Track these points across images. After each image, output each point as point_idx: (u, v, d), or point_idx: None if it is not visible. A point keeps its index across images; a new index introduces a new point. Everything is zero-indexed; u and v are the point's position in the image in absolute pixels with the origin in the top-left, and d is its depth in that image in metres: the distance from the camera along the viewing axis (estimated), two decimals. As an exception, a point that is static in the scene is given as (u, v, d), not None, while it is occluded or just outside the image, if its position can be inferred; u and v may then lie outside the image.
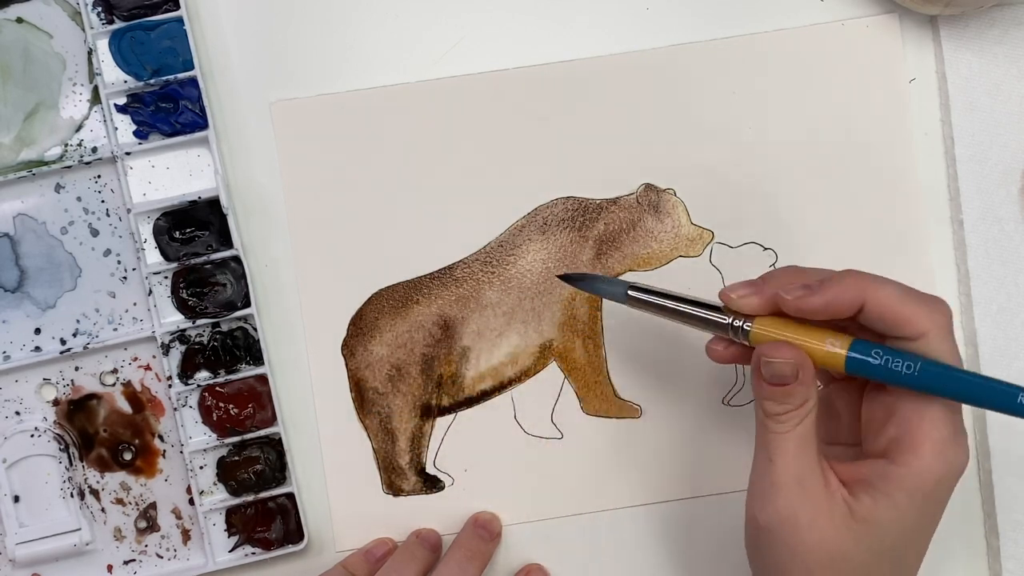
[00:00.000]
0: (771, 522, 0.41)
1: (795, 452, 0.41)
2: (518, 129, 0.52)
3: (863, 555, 0.40)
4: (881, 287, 0.40)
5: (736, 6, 0.52)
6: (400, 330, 0.52)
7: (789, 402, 0.41)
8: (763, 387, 0.41)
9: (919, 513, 0.40)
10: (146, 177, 0.51)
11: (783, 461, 0.41)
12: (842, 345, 0.40)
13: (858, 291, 0.40)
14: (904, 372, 0.39)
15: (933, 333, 0.40)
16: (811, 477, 0.41)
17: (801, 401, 0.41)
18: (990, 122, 0.52)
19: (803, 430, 0.41)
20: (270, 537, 0.51)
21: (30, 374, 0.51)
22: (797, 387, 0.41)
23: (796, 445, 0.41)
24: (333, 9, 0.52)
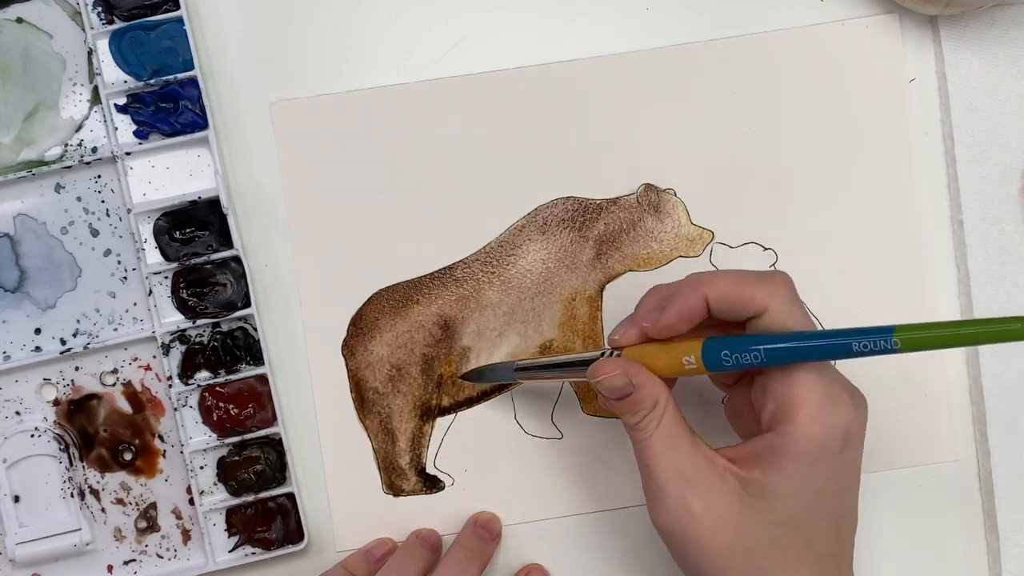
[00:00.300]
0: (668, 522, 0.42)
1: (666, 452, 0.42)
2: (518, 129, 0.52)
3: (767, 528, 0.41)
4: (716, 280, 0.42)
5: (736, 6, 0.52)
6: (400, 330, 0.52)
7: (639, 409, 0.42)
8: (611, 404, 0.43)
9: (811, 477, 0.41)
10: (146, 177, 0.51)
11: (659, 463, 0.42)
12: (696, 359, 0.42)
13: (697, 293, 0.42)
14: (755, 362, 0.40)
15: (775, 304, 0.41)
16: (692, 467, 0.41)
17: (651, 404, 0.42)
18: (990, 122, 0.52)
19: (666, 428, 0.42)
20: (270, 537, 0.51)
21: (30, 374, 0.51)
22: (638, 392, 0.42)
23: (665, 444, 0.42)
24: (333, 9, 0.52)
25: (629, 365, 0.43)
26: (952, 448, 0.52)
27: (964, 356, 0.53)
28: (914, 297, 0.52)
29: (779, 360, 0.40)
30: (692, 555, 0.41)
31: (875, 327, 0.37)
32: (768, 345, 0.40)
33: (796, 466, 0.40)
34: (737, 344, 0.41)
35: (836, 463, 0.41)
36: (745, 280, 0.42)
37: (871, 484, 0.52)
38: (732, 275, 0.42)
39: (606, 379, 0.43)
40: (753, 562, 0.41)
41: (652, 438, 0.42)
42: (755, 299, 0.41)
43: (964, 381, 0.53)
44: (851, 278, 0.52)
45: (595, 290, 0.52)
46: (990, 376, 0.52)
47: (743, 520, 0.41)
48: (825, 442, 0.40)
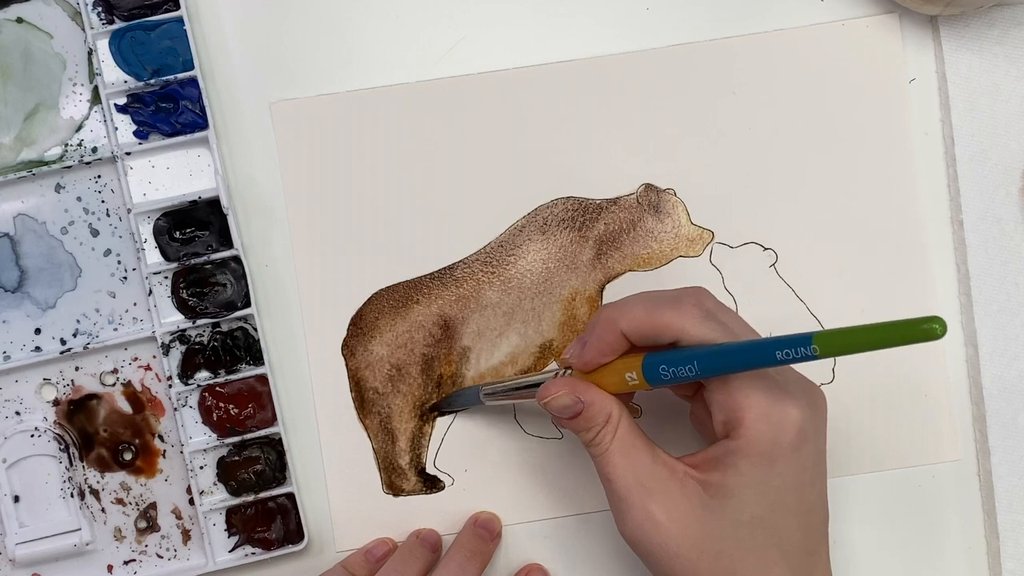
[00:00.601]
0: (634, 532, 0.42)
1: (624, 463, 0.42)
2: (518, 129, 0.52)
3: (732, 529, 0.41)
4: (626, 312, 0.43)
5: (736, 6, 0.52)
6: (400, 330, 0.52)
7: (591, 426, 0.43)
8: (565, 424, 0.44)
9: (768, 474, 0.41)
10: (146, 177, 0.51)
11: (617, 475, 0.42)
12: (638, 375, 0.42)
13: (611, 329, 0.43)
14: (691, 374, 0.41)
15: (688, 327, 0.41)
16: (651, 476, 0.42)
17: (603, 419, 0.43)
18: (990, 122, 0.52)
19: (621, 441, 0.43)
20: (270, 537, 0.51)
21: (30, 374, 0.51)
22: (589, 410, 0.43)
23: (622, 456, 0.43)
24: (333, 9, 0.52)
25: (576, 384, 0.44)
26: (952, 448, 0.52)
27: (964, 356, 0.53)
28: (914, 297, 0.52)
29: (712, 371, 0.41)
30: (661, 563, 0.42)
31: (796, 335, 0.37)
32: (699, 359, 0.40)
33: (752, 465, 0.41)
34: (673, 359, 0.41)
35: (794, 458, 0.41)
36: (655, 308, 0.42)
37: (871, 484, 0.52)
38: (643, 304, 0.43)
39: (553, 400, 0.44)
40: (722, 564, 0.41)
41: (608, 452, 0.43)
42: (666, 326, 0.42)
43: (964, 381, 0.53)
44: (851, 278, 0.52)
45: (595, 290, 0.52)
46: (990, 376, 0.52)
47: (707, 523, 0.41)
48: (777, 438, 0.41)
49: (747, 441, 0.41)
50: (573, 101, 0.52)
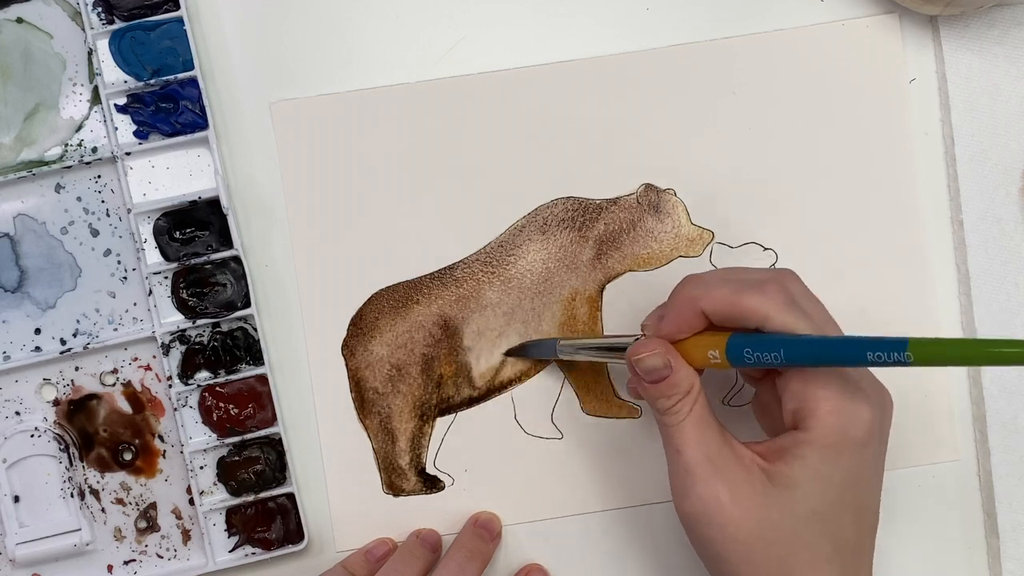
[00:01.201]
0: (695, 508, 0.42)
1: (698, 437, 0.42)
2: (518, 129, 0.52)
3: (790, 520, 0.41)
4: (710, 292, 0.42)
5: (736, 6, 0.52)
6: (400, 330, 0.52)
7: (674, 392, 0.42)
8: (646, 388, 0.43)
9: (834, 469, 0.41)
10: (146, 177, 0.51)
11: (689, 448, 0.42)
12: (721, 354, 0.42)
13: (692, 307, 0.43)
14: (775, 361, 0.41)
15: (773, 313, 0.41)
16: (721, 455, 0.42)
17: (686, 388, 0.42)
18: (990, 122, 0.52)
19: (697, 415, 0.42)
20: (270, 537, 0.51)
21: (30, 374, 0.51)
22: (675, 375, 0.42)
23: (696, 430, 0.42)
24: (333, 9, 0.52)
25: (668, 347, 0.43)
26: (952, 448, 0.52)
27: (964, 356, 0.53)
28: (914, 297, 0.52)
29: (797, 361, 0.40)
30: (715, 543, 0.42)
31: (890, 339, 0.37)
32: (788, 347, 0.40)
33: (820, 457, 0.41)
34: (759, 343, 0.41)
35: (859, 455, 0.41)
36: (739, 291, 0.42)
37: (871, 484, 0.52)
38: (727, 285, 0.42)
39: (647, 357, 0.43)
40: (775, 552, 0.41)
41: (684, 423, 0.42)
42: (751, 311, 0.41)
43: (964, 381, 0.53)
44: (851, 278, 0.52)
45: (595, 290, 0.52)
46: (990, 376, 0.52)
47: (768, 511, 0.41)
48: (847, 432, 0.41)
49: (818, 433, 0.41)
50: (573, 101, 0.52)
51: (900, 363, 0.37)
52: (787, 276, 0.43)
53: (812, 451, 0.41)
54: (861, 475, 0.42)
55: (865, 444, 0.41)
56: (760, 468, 0.42)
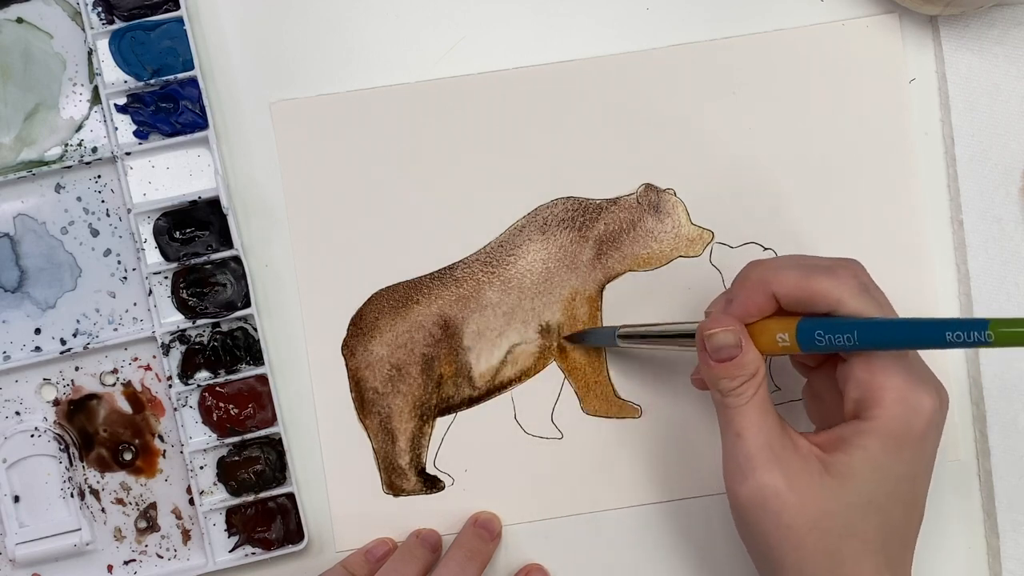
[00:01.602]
0: (752, 494, 0.41)
1: (759, 422, 0.42)
2: (518, 129, 0.52)
3: (845, 511, 0.41)
4: (781, 275, 0.42)
5: (736, 6, 0.52)
6: (400, 330, 0.52)
7: (740, 374, 0.42)
8: (713, 367, 0.42)
9: (894, 460, 0.41)
10: (146, 177, 0.51)
11: (751, 432, 0.42)
12: (790, 337, 0.42)
13: (763, 290, 0.42)
14: (848, 344, 0.40)
15: (846, 297, 0.41)
16: (780, 443, 0.42)
17: (752, 370, 0.42)
18: (990, 122, 0.52)
19: (760, 399, 0.42)
20: (270, 537, 0.51)
21: (30, 374, 0.51)
22: (743, 357, 0.42)
23: (759, 414, 0.42)
24: (333, 9, 0.52)
25: (741, 325, 0.43)
26: (952, 448, 0.52)
27: (964, 356, 0.53)
28: (914, 297, 0.52)
29: (872, 344, 0.40)
30: (768, 531, 0.41)
31: (969, 319, 0.37)
32: (862, 329, 0.40)
33: (883, 446, 0.41)
34: (831, 325, 0.41)
35: (918, 448, 0.41)
36: (811, 275, 0.42)
37: (871, 484, 0.52)
38: (797, 269, 0.42)
39: (720, 333, 0.42)
40: (827, 542, 0.41)
41: (747, 406, 0.42)
42: (824, 295, 0.41)
43: (964, 381, 0.53)
44: (851, 278, 0.52)
45: (595, 290, 0.52)
46: (990, 376, 0.52)
47: (825, 501, 0.41)
48: (910, 424, 0.41)
49: (882, 422, 0.41)
50: (573, 101, 0.52)
51: (980, 343, 0.37)
52: (856, 264, 0.43)
53: (875, 441, 0.41)
54: (918, 468, 0.42)
55: (925, 436, 0.41)
56: (818, 458, 0.41)
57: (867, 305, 0.41)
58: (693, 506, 0.52)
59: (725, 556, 0.52)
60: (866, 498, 0.41)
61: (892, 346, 0.40)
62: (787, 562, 0.41)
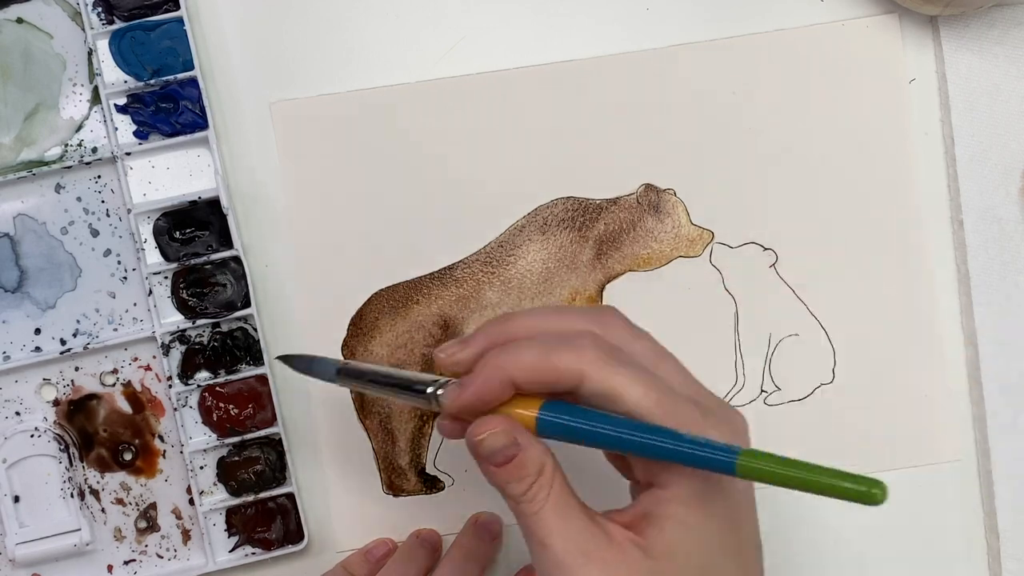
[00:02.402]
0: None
1: (562, 525, 0.37)
2: (518, 129, 0.52)
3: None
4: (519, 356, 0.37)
5: (736, 6, 0.52)
6: (400, 330, 0.52)
7: (525, 475, 0.37)
8: (492, 472, 0.38)
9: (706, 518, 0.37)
10: (146, 177, 0.51)
11: (554, 540, 0.37)
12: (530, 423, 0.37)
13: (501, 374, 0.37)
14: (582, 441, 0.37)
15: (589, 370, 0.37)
16: (591, 541, 0.37)
17: (538, 468, 0.37)
18: (990, 122, 0.52)
19: (557, 497, 0.37)
20: (270, 537, 0.51)
21: (30, 374, 0.51)
22: (524, 455, 0.37)
23: (560, 518, 0.37)
24: (333, 9, 0.52)
25: (509, 420, 0.37)
26: (952, 448, 0.52)
27: (964, 356, 0.53)
28: (914, 297, 0.52)
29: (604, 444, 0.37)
30: None
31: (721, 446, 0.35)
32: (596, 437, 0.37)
33: (688, 510, 0.37)
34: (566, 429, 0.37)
35: (727, 495, 0.38)
36: (551, 351, 0.37)
37: (871, 484, 0.52)
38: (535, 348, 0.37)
39: (489, 438, 0.37)
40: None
41: (544, 511, 0.37)
42: (565, 370, 0.37)
43: (964, 381, 0.53)
44: (851, 278, 0.52)
45: (595, 290, 0.52)
46: (990, 376, 0.52)
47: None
48: (707, 475, 0.37)
49: (678, 485, 0.37)
50: (573, 101, 0.52)
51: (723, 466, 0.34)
52: (605, 318, 0.39)
53: (678, 507, 0.37)
54: (734, 514, 0.38)
55: (730, 480, 0.37)
56: (633, 543, 0.37)
57: (613, 374, 0.36)
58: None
59: (725, 556, 0.52)
60: (694, 567, 0.37)
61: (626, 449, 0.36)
62: None
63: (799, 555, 0.52)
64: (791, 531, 0.52)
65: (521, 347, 0.38)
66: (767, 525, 0.52)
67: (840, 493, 0.33)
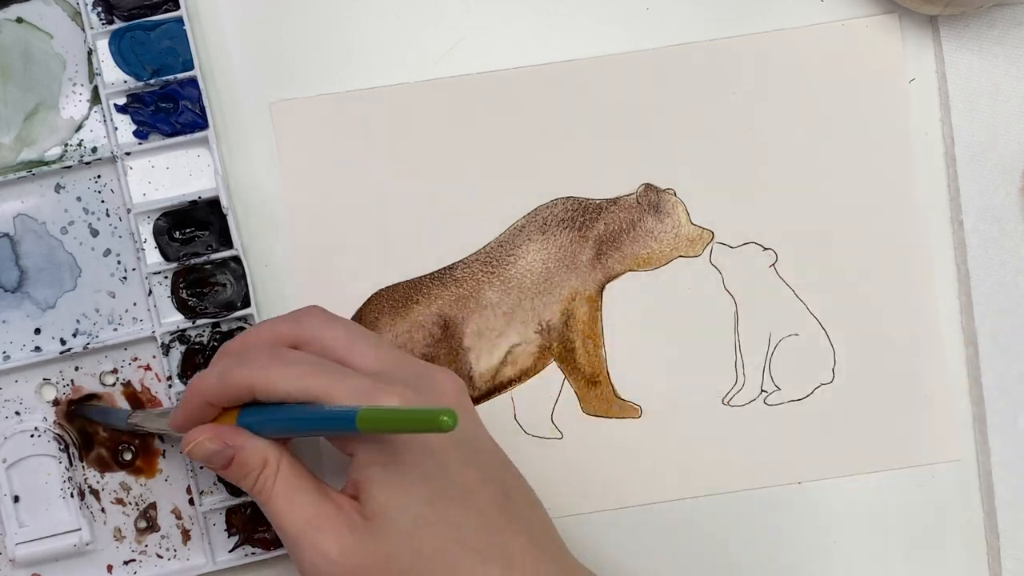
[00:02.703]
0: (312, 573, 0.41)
1: (290, 506, 0.41)
2: (518, 129, 0.52)
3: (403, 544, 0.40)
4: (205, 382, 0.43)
5: (736, 6, 0.52)
6: (400, 330, 0.52)
7: (248, 471, 0.42)
8: (224, 474, 0.43)
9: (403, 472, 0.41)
10: (146, 177, 0.51)
11: (286, 519, 0.41)
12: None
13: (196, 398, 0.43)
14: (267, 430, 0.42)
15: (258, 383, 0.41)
16: (319, 515, 0.41)
17: (259, 463, 0.42)
18: (990, 122, 0.52)
19: (284, 484, 0.42)
20: (270, 537, 0.51)
21: (30, 374, 0.51)
22: (240, 455, 0.42)
23: (286, 500, 0.42)
24: (333, 9, 0.52)
25: (222, 428, 0.43)
26: (952, 448, 0.52)
27: (964, 356, 0.53)
28: (914, 297, 0.52)
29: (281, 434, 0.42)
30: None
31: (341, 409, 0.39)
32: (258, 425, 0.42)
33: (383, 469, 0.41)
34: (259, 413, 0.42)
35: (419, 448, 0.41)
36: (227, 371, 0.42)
37: (871, 484, 0.52)
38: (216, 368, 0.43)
39: (196, 446, 0.42)
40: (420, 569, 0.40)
41: (273, 496, 0.42)
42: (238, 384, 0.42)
43: (964, 381, 0.53)
44: (851, 278, 0.52)
45: (595, 290, 0.52)
46: (990, 376, 0.52)
47: (378, 549, 0.40)
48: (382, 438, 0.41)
49: (364, 451, 0.41)
50: (573, 101, 0.52)
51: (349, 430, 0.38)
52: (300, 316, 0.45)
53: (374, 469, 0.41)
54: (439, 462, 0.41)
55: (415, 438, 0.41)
56: (355, 510, 0.41)
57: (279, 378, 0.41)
58: (692, 506, 0.52)
59: (726, 556, 0.52)
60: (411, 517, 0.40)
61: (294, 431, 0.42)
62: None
63: (799, 555, 0.52)
64: (792, 531, 0.52)
65: (208, 372, 0.43)
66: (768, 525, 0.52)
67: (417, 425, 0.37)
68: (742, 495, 0.52)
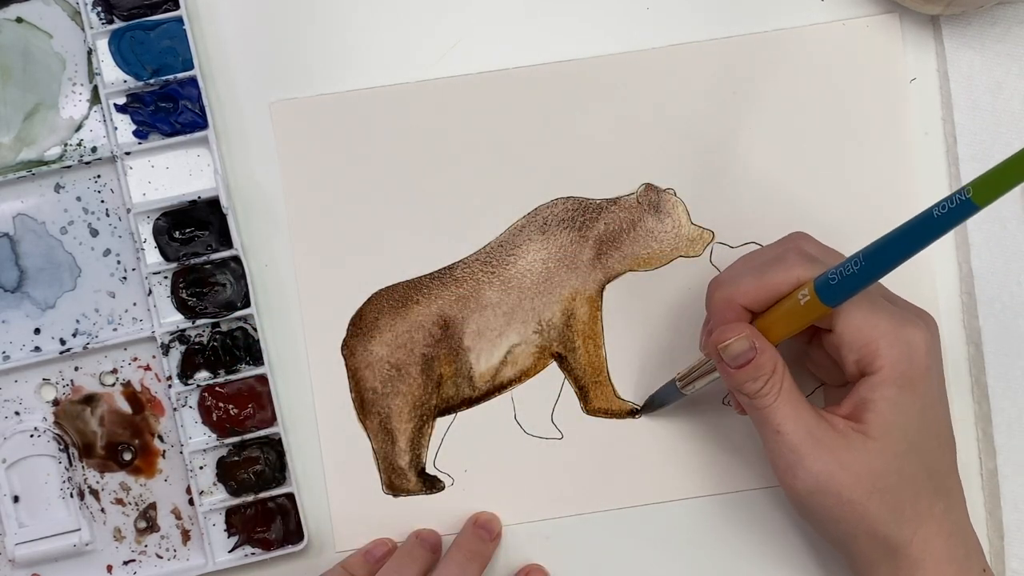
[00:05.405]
0: (808, 484, 0.43)
1: (794, 414, 0.43)
2: (518, 129, 0.52)
3: (893, 463, 0.43)
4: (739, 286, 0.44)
5: (736, 6, 0.52)
6: (400, 330, 0.52)
7: (761, 374, 0.43)
8: (734, 374, 0.44)
9: (912, 397, 0.43)
10: (146, 177, 0.51)
11: (788, 426, 0.43)
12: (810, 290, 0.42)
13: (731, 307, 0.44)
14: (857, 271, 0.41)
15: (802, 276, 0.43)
16: (819, 427, 0.43)
17: (771, 367, 0.43)
18: (992, 121, 0.52)
19: (788, 392, 0.43)
20: (270, 537, 0.51)
21: (30, 374, 0.51)
22: (759, 357, 0.43)
23: (791, 407, 0.43)
24: (333, 9, 0.52)
25: (751, 328, 0.44)
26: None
27: (967, 355, 0.52)
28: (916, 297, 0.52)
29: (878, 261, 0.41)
30: (833, 512, 0.43)
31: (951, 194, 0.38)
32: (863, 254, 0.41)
33: (898, 389, 0.43)
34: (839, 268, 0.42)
35: (927, 377, 0.43)
36: (763, 274, 0.44)
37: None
38: (750, 274, 0.44)
39: (732, 344, 0.43)
40: (887, 500, 0.43)
41: (778, 403, 0.43)
42: (783, 286, 0.43)
43: (966, 381, 0.52)
44: (852, 277, 0.52)
45: (595, 290, 0.52)
46: (994, 375, 0.51)
47: (873, 465, 0.43)
48: (912, 360, 0.43)
49: (888, 369, 0.43)
50: (573, 101, 0.52)
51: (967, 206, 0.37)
52: (799, 240, 0.45)
53: (890, 388, 0.43)
54: (934, 398, 0.44)
55: (928, 367, 0.43)
56: (852, 430, 0.43)
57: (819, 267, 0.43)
58: (692, 506, 0.52)
59: (726, 555, 0.52)
60: (905, 443, 0.43)
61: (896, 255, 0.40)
62: (859, 531, 0.43)
63: (799, 555, 0.52)
64: (792, 531, 0.52)
65: (736, 276, 0.45)
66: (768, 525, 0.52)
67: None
68: (742, 495, 0.52)
